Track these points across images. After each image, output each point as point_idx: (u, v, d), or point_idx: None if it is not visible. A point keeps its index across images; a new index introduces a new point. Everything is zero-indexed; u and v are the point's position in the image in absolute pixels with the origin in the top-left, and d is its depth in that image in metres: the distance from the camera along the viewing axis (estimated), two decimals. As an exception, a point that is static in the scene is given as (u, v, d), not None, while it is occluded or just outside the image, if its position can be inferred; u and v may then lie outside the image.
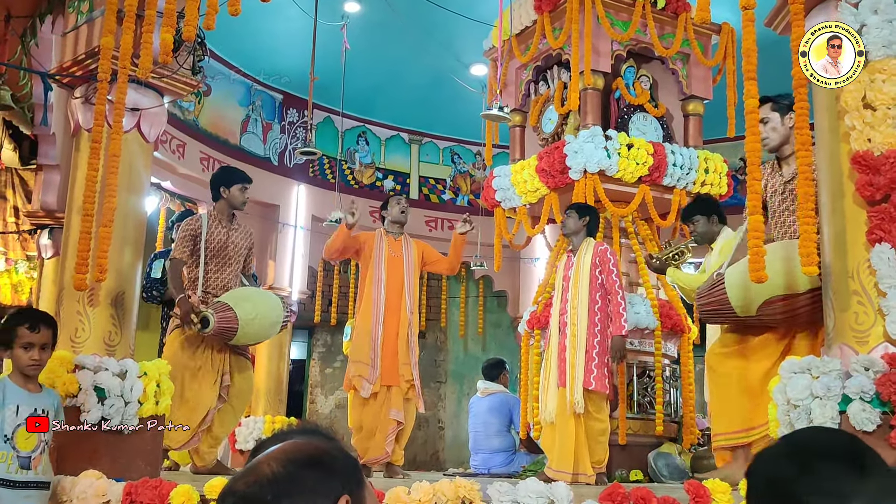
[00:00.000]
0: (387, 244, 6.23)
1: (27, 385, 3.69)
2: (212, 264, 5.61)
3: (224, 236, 5.65)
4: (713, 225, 5.39)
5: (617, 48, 7.00)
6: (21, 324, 3.66)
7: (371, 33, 9.30)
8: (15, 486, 3.55)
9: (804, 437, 1.32)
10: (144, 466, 4.62)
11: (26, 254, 8.62)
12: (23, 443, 3.58)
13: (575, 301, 5.61)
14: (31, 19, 6.32)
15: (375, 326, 6.05)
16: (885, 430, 3.15)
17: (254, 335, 5.58)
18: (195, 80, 5.47)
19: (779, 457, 1.25)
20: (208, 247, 5.59)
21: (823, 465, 1.21)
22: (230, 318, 5.34)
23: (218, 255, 5.63)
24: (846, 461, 1.22)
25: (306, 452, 1.22)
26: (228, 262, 5.67)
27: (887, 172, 3.32)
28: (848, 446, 1.26)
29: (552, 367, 5.65)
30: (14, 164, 8.20)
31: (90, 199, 4.62)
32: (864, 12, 3.48)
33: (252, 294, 5.69)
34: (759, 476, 1.26)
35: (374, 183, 11.14)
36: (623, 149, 6.62)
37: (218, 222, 5.68)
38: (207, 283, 5.59)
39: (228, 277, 5.66)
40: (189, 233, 5.60)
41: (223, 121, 9.73)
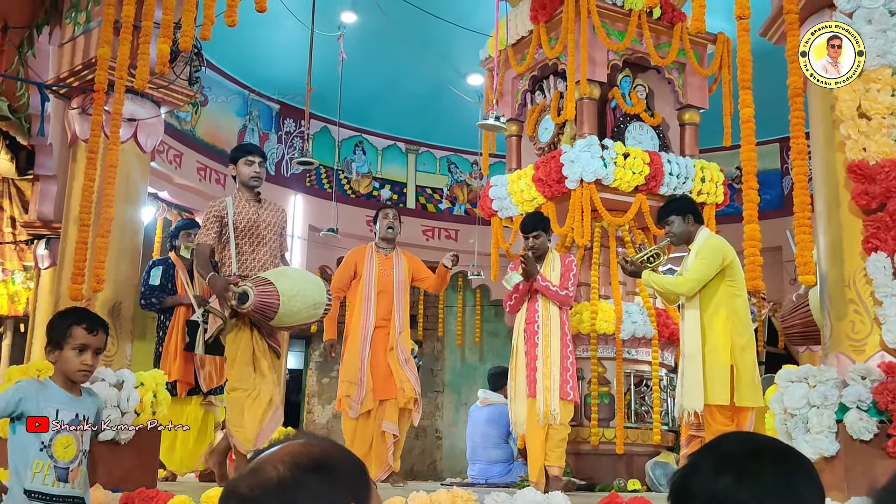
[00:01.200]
0: (377, 262, 6.18)
1: (70, 389, 3.32)
2: (245, 245, 5.19)
3: (254, 215, 5.22)
4: (689, 225, 5.16)
5: (613, 58, 7.01)
6: (78, 323, 3.30)
7: (368, 43, 9.32)
8: (52, 500, 3.18)
9: (727, 446, 1.30)
10: (141, 476, 4.61)
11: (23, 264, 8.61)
12: (61, 452, 3.23)
13: (546, 312, 5.61)
14: (29, 30, 6.33)
15: (363, 345, 6.02)
16: (883, 438, 3.15)
17: (296, 314, 5.01)
18: (192, 90, 5.48)
19: (708, 472, 1.23)
20: (237, 227, 5.17)
21: (757, 467, 1.21)
22: (271, 292, 4.86)
23: (249, 235, 5.21)
24: (776, 459, 1.23)
25: (313, 456, 1.17)
26: (263, 242, 5.24)
27: (883, 181, 3.33)
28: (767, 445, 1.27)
29: (520, 378, 5.62)
30: (11, 175, 8.19)
31: (87, 209, 4.62)
32: (858, 22, 3.50)
33: (290, 272, 5.32)
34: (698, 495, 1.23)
35: (371, 192, 11.15)
36: (619, 158, 6.63)
37: (245, 202, 5.25)
38: (242, 265, 5.16)
39: (265, 258, 5.23)
40: (214, 214, 5.17)
41: (220, 131, 9.74)
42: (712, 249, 4.99)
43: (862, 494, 3.06)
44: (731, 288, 4.95)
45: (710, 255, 4.95)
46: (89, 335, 3.28)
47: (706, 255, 4.96)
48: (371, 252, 6.22)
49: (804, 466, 1.24)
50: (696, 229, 5.16)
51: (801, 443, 3.35)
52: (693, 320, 4.99)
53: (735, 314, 4.91)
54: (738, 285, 4.96)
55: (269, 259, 5.25)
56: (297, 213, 10.30)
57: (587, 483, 6.31)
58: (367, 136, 11.18)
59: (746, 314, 5.04)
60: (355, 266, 6.21)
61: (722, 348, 4.83)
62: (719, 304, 4.92)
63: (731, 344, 4.83)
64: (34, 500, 3.14)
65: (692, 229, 5.16)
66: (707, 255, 4.96)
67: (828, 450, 3.27)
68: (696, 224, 5.19)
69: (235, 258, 5.14)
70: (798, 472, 1.22)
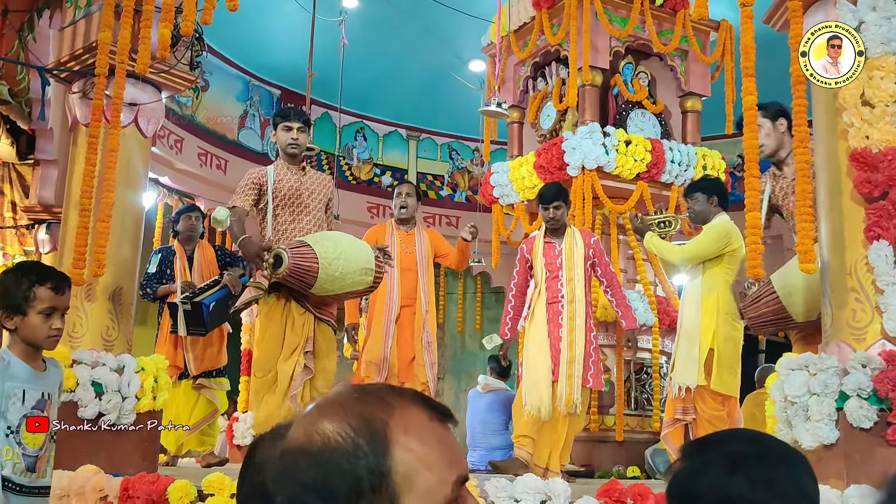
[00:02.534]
0: (398, 239, 5.95)
1: (34, 362, 2.82)
2: (285, 214, 4.88)
3: (296, 183, 4.93)
4: (711, 206, 5.17)
5: (615, 45, 6.99)
6: (42, 283, 2.77)
7: (369, 29, 9.29)
8: (22, 491, 2.74)
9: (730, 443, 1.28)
10: (141, 461, 4.62)
11: (24, 249, 8.61)
12: (30, 438, 2.79)
13: (571, 293, 5.17)
14: (29, 14, 6.31)
15: (388, 326, 5.81)
16: (882, 426, 3.16)
17: (339, 279, 4.56)
18: (193, 75, 5.46)
19: (719, 472, 1.22)
20: (276, 195, 4.87)
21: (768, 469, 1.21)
22: (308, 255, 4.44)
23: (291, 204, 4.91)
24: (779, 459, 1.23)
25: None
26: (306, 210, 4.93)
27: (885, 169, 3.32)
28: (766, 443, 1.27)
29: (542, 360, 5.14)
30: (11, 159, 8.18)
31: (88, 194, 4.62)
32: (862, 9, 3.48)
33: (333, 234, 4.87)
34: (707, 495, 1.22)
35: (373, 179, 11.13)
36: (621, 145, 6.62)
37: (286, 169, 4.96)
38: (281, 234, 4.85)
39: (308, 227, 4.89)
40: (252, 181, 4.88)
41: (221, 116, 9.72)
42: (719, 231, 5.04)
43: (862, 482, 3.07)
44: (725, 276, 5.00)
45: (714, 236, 5.02)
46: (57, 295, 2.79)
47: (711, 234, 5.04)
48: (391, 230, 5.99)
49: (807, 465, 1.25)
50: (716, 212, 5.20)
51: (801, 430, 3.35)
52: (693, 299, 5.06)
53: (724, 301, 4.95)
54: (731, 275, 5.00)
55: (313, 230, 4.91)
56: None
57: (587, 470, 6.33)
58: (368, 123, 11.15)
59: (733, 305, 4.99)
60: (375, 241, 5.90)
61: (705, 331, 4.90)
62: (712, 287, 4.99)
63: (714, 328, 4.89)
64: (7, 491, 2.70)
65: (713, 211, 5.20)
66: (711, 235, 5.03)
67: (828, 437, 3.27)
68: (719, 208, 5.20)
69: (272, 227, 4.86)
70: (804, 472, 1.23)
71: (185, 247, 6.48)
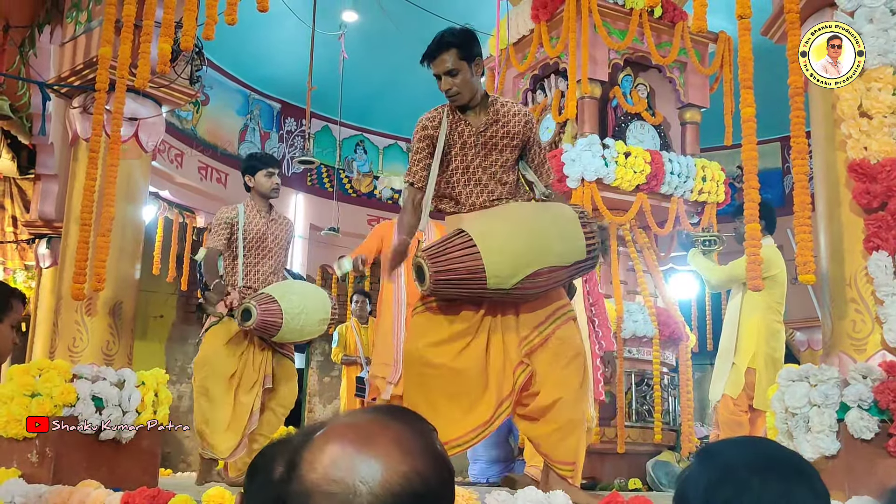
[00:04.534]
0: None
1: None
2: (251, 256, 5.21)
3: (263, 227, 5.24)
4: None
5: (614, 57, 7.01)
6: (16, 296, 2.98)
7: (369, 42, 9.32)
8: None
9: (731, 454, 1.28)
10: (142, 476, 4.61)
11: (24, 263, 8.62)
12: None
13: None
14: (30, 29, 6.33)
15: (397, 326, 5.78)
16: (884, 438, 3.15)
17: (298, 332, 5.08)
18: (193, 89, 5.47)
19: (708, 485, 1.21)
20: (245, 237, 5.18)
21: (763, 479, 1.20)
22: (274, 311, 4.90)
23: (256, 247, 5.23)
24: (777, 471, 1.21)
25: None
26: (268, 255, 5.26)
27: (884, 180, 3.33)
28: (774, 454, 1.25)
29: None
30: (12, 174, 8.20)
31: (88, 208, 4.63)
32: (859, 21, 3.49)
33: (298, 287, 5.26)
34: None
35: (372, 191, 11.15)
36: (620, 157, 6.64)
37: (256, 212, 5.27)
38: (248, 277, 5.18)
39: (269, 271, 5.26)
40: (224, 221, 5.20)
41: (221, 130, 9.74)
42: (762, 257, 5.08)
43: (863, 493, 3.06)
44: (768, 300, 5.13)
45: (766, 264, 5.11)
46: (23, 308, 2.97)
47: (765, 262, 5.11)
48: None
49: (805, 475, 1.22)
50: (762, 236, 5.24)
51: (802, 442, 3.34)
52: (731, 320, 5.21)
53: (765, 324, 5.10)
54: (776, 299, 5.14)
55: (273, 272, 5.28)
56: (298, 213, 10.29)
57: (588, 482, 6.31)
58: (368, 136, 11.18)
59: (778, 326, 5.22)
60: (383, 241, 5.95)
61: (745, 352, 5.06)
62: (754, 310, 5.13)
63: (754, 349, 5.03)
64: None
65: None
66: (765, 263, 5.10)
67: (829, 449, 3.26)
68: (765, 232, 5.27)
69: (242, 269, 5.15)
70: (800, 484, 1.20)
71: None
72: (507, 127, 3.65)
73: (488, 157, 3.65)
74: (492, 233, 3.36)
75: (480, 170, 3.65)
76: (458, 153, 3.65)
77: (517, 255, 3.32)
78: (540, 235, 3.38)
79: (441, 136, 3.64)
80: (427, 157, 3.67)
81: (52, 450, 4.43)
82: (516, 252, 3.31)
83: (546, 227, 3.40)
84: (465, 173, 3.65)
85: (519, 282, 3.32)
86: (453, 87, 3.59)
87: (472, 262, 3.29)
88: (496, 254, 3.29)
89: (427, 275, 3.35)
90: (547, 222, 3.43)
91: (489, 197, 3.64)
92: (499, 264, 3.29)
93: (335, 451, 0.96)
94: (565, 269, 3.44)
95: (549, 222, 3.43)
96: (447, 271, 3.32)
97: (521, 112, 3.70)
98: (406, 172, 3.75)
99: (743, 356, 5.23)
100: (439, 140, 3.63)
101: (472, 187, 3.65)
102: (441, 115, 3.68)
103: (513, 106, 3.72)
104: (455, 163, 3.65)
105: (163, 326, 10.28)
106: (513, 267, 3.31)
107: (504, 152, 3.65)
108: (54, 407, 4.40)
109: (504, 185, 3.66)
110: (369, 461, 0.95)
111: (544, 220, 3.44)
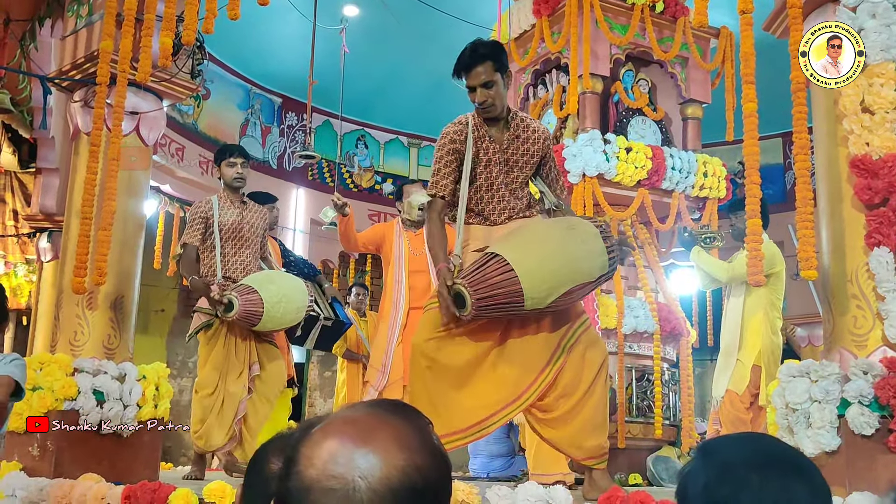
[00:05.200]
0: (406, 241, 5.86)
1: None
2: (228, 247, 5.28)
3: (237, 216, 5.30)
4: None
5: (615, 52, 7.00)
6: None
7: (370, 37, 9.31)
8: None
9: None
10: (143, 470, 4.62)
11: (25, 257, 8.63)
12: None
13: None
14: (31, 23, 6.33)
15: (393, 330, 5.74)
16: (884, 433, 3.15)
17: (279, 320, 5.18)
18: (194, 83, 5.48)
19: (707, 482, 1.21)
20: (221, 229, 5.25)
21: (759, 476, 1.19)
22: (255, 301, 4.98)
23: (233, 237, 5.29)
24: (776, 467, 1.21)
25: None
26: (246, 244, 5.33)
27: (885, 176, 3.33)
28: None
29: None
30: (13, 168, 8.20)
31: (89, 202, 4.63)
32: (861, 16, 3.49)
33: (276, 277, 5.37)
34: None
35: (374, 186, 11.15)
36: (622, 152, 6.63)
37: (229, 203, 5.33)
38: (226, 268, 5.25)
39: (248, 260, 5.32)
40: (199, 215, 5.26)
41: (222, 124, 9.74)
42: (765, 254, 5.07)
43: (864, 489, 3.06)
44: (771, 296, 5.15)
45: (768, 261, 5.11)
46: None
47: None
48: (398, 231, 5.91)
49: (805, 471, 1.22)
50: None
51: (802, 438, 3.35)
52: (735, 318, 5.20)
53: (769, 320, 5.14)
54: (777, 296, 5.16)
55: (252, 261, 5.35)
56: (298, 207, 10.29)
57: (588, 477, 6.32)
58: (369, 130, 11.17)
59: (779, 323, 5.26)
60: (384, 239, 5.94)
61: (750, 348, 5.07)
62: (757, 307, 5.15)
63: (759, 345, 5.05)
64: None
65: None
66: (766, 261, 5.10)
67: (829, 445, 3.27)
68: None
69: (220, 261, 5.22)
70: (800, 480, 1.20)
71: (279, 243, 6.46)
72: (527, 144, 3.76)
73: (510, 174, 3.76)
74: (527, 256, 3.43)
75: (503, 186, 3.76)
76: (482, 170, 3.74)
77: (552, 276, 3.42)
78: (571, 255, 3.48)
79: (468, 153, 3.70)
80: (454, 171, 3.74)
81: (54, 443, 4.44)
82: (551, 273, 3.42)
83: (576, 247, 3.51)
84: (489, 190, 3.75)
85: (554, 300, 3.44)
86: (488, 99, 3.65)
87: (511, 287, 3.37)
88: (533, 277, 3.38)
89: (469, 302, 3.40)
90: (576, 242, 3.52)
91: (510, 213, 3.77)
92: (536, 287, 3.38)
93: (334, 447, 0.96)
94: (591, 284, 3.59)
95: (579, 241, 3.53)
96: (487, 297, 3.39)
97: (539, 129, 3.81)
98: (431, 185, 3.81)
99: (748, 353, 5.24)
100: (466, 156, 3.70)
101: (496, 203, 3.76)
102: (466, 130, 3.73)
103: (532, 122, 3.83)
104: (480, 180, 3.74)
105: (164, 320, 10.29)
106: (549, 288, 3.41)
107: (524, 169, 3.78)
108: (55, 401, 4.41)
109: (520, 200, 3.80)
110: (368, 456, 0.95)
111: (573, 239, 3.53)
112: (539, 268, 3.41)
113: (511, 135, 3.74)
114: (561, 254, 3.47)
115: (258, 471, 1.08)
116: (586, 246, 3.52)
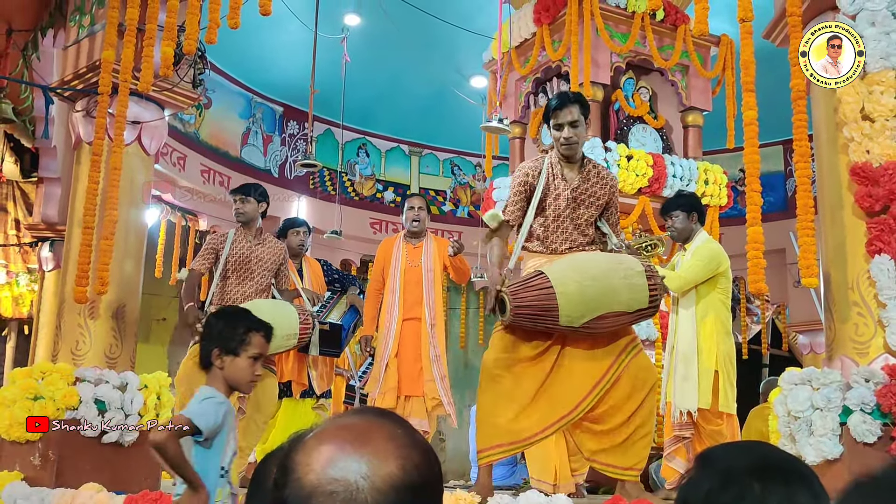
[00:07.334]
0: (404, 253, 5.93)
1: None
2: (233, 278, 5.36)
3: (247, 250, 5.39)
4: (692, 223, 5.21)
5: (616, 60, 7.01)
6: (258, 330, 2.94)
7: (371, 46, 9.33)
8: None
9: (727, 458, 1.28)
10: (144, 479, 4.61)
11: (27, 266, 8.63)
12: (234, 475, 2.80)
13: None
14: (33, 33, 6.35)
15: (387, 339, 5.78)
16: (886, 441, 3.15)
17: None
18: (196, 93, 5.49)
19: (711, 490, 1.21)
20: (229, 260, 5.35)
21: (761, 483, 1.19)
22: None
23: (240, 269, 5.38)
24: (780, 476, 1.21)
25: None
26: (251, 276, 5.41)
27: (886, 184, 3.33)
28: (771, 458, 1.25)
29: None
30: (15, 177, 8.21)
31: (91, 211, 4.64)
32: (861, 24, 3.49)
33: (263, 305, 5.32)
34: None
35: (375, 195, 11.15)
36: (623, 160, 6.63)
37: (243, 236, 5.44)
38: (227, 297, 5.33)
39: (250, 291, 5.40)
40: (211, 247, 5.38)
41: (224, 133, 9.75)
42: (710, 253, 5.04)
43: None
44: (720, 296, 5.05)
45: (706, 259, 5.01)
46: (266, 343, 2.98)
47: (703, 257, 5.02)
48: (399, 243, 5.98)
49: (805, 479, 1.23)
50: (696, 229, 5.22)
51: (804, 445, 3.34)
52: (688, 321, 5.07)
53: (720, 322, 5.01)
54: (726, 294, 5.06)
55: (254, 293, 5.38)
56: (300, 216, 10.28)
57: (591, 485, 6.31)
58: (370, 139, 11.18)
59: (729, 323, 5.13)
60: (384, 260, 5.99)
61: (707, 353, 4.93)
62: (708, 309, 5.02)
63: (716, 349, 4.93)
64: None
65: (694, 228, 5.21)
66: (704, 258, 5.02)
67: (831, 452, 3.26)
68: (698, 224, 5.23)
69: (219, 289, 5.29)
70: (800, 488, 1.20)
71: (291, 261, 6.44)
72: (596, 188, 4.20)
73: (576, 211, 4.17)
74: (569, 278, 3.84)
75: (569, 220, 4.18)
76: (551, 203, 4.16)
77: (588, 299, 3.82)
78: (610, 286, 3.87)
79: (539, 187, 4.15)
80: (523, 200, 4.18)
81: (55, 453, 4.43)
82: (587, 297, 3.81)
83: (617, 280, 3.89)
84: (555, 221, 4.18)
85: (587, 322, 3.83)
86: (573, 137, 4.07)
87: (548, 302, 3.80)
88: (571, 298, 3.79)
89: (508, 307, 3.84)
90: (619, 275, 3.91)
91: (571, 245, 4.19)
92: (571, 306, 3.79)
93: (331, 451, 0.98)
94: (629, 315, 3.96)
95: (621, 275, 3.91)
96: (525, 307, 3.82)
97: (608, 177, 4.28)
98: (503, 210, 4.26)
99: (706, 358, 5.04)
100: (537, 190, 4.14)
101: (559, 234, 4.20)
102: (541, 166, 4.19)
103: (603, 170, 4.29)
104: (548, 211, 4.17)
105: (165, 330, 10.29)
106: (583, 310, 3.82)
107: (590, 209, 4.20)
108: (57, 410, 4.41)
109: (585, 236, 4.22)
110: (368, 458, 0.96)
111: (617, 272, 3.92)
112: (578, 291, 3.80)
113: (582, 177, 4.16)
114: (602, 282, 3.85)
115: (256, 485, 1.09)
116: (628, 280, 3.90)
